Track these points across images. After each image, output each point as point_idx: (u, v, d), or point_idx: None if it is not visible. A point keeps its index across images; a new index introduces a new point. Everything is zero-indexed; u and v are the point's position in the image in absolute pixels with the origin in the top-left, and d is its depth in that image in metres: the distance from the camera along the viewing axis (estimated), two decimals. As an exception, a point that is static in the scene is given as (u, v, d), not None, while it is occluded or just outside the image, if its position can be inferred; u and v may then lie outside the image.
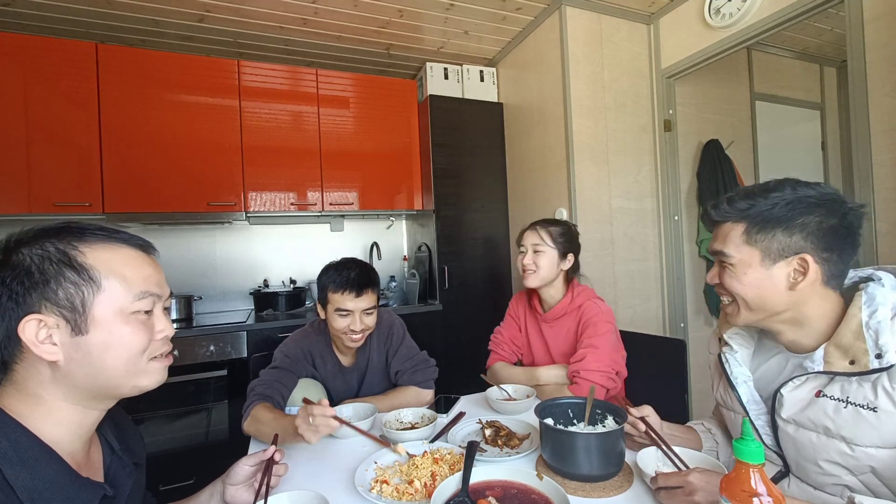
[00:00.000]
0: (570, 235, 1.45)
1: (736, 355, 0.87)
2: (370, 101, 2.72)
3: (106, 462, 0.67)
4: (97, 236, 0.61)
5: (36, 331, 0.55)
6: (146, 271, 0.64)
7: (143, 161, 2.25)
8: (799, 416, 0.76)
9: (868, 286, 0.73)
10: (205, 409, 2.11)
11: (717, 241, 0.80)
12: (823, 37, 2.82)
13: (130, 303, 0.60)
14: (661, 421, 0.95)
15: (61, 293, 0.56)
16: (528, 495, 0.73)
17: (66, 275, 0.57)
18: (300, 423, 0.96)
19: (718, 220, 0.80)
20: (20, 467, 0.53)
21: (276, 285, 2.77)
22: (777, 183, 0.76)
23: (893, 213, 1.49)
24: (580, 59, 2.26)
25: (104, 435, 0.69)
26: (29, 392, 0.58)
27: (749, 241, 0.75)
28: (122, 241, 0.63)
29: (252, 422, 1.14)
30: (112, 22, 2.25)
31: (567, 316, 1.42)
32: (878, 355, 0.67)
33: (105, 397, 0.62)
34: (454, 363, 2.50)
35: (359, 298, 1.26)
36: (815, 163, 3.16)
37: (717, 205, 0.81)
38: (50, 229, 0.60)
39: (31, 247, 0.57)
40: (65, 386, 0.58)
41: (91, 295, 0.58)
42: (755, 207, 0.75)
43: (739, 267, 0.77)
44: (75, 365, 0.57)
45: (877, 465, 0.68)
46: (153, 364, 0.64)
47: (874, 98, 1.53)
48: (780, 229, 0.73)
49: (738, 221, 0.77)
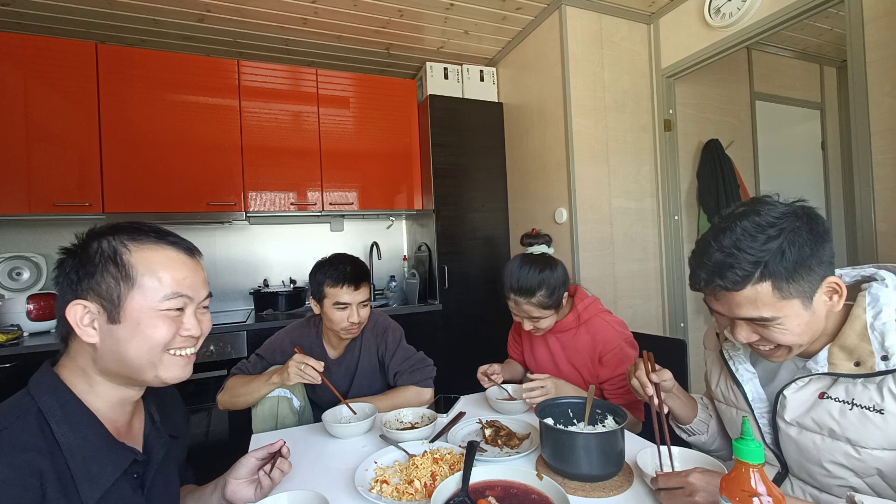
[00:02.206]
0: (553, 286, 1.26)
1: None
2: (370, 101, 2.72)
3: (146, 431, 0.73)
4: (149, 237, 0.67)
5: (81, 315, 0.62)
6: (182, 273, 0.68)
7: (143, 161, 2.25)
8: (802, 418, 0.75)
9: (871, 286, 0.72)
10: (205, 409, 2.11)
11: (745, 309, 0.72)
12: (823, 37, 2.82)
13: (159, 301, 0.65)
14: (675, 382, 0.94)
15: (104, 285, 0.63)
16: (528, 495, 0.73)
17: (110, 269, 0.63)
18: (292, 364, 1.18)
19: (735, 290, 0.72)
20: (66, 426, 0.60)
21: (276, 285, 2.77)
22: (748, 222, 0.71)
23: (893, 213, 1.49)
24: (580, 58, 2.26)
25: (149, 408, 0.76)
26: (78, 366, 0.65)
27: (785, 297, 0.70)
28: (169, 243, 0.69)
29: (225, 392, 1.29)
30: (112, 22, 2.25)
31: (578, 330, 1.34)
32: (885, 357, 0.66)
33: (133, 381, 0.68)
34: (454, 363, 2.50)
35: (357, 291, 1.32)
36: (815, 163, 3.16)
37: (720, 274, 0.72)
38: (117, 226, 0.67)
39: (98, 241, 0.65)
40: (101, 365, 0.65)
41: (127, 290, 0.63)
42: (768, 264, 0.69)
43: (788, 321, 0.71)
44: (107, 349, 0.64)
45: (883, 466, 0.68)
46: (173, 359, 0.68)
47: (874, 98, 1.53)
48: (803, 270, 0.69)
49: (760, 282, 0.70)
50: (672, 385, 0.93)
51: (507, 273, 1.31)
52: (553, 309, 1.29)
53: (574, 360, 1.36)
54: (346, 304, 1.31)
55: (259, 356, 1.44)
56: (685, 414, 0.98)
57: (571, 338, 1.36)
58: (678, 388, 0.97)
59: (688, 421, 0.98)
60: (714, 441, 0.99)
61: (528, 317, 1.30)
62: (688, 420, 0.98)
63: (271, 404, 1.27)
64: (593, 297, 1.40)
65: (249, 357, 1.45)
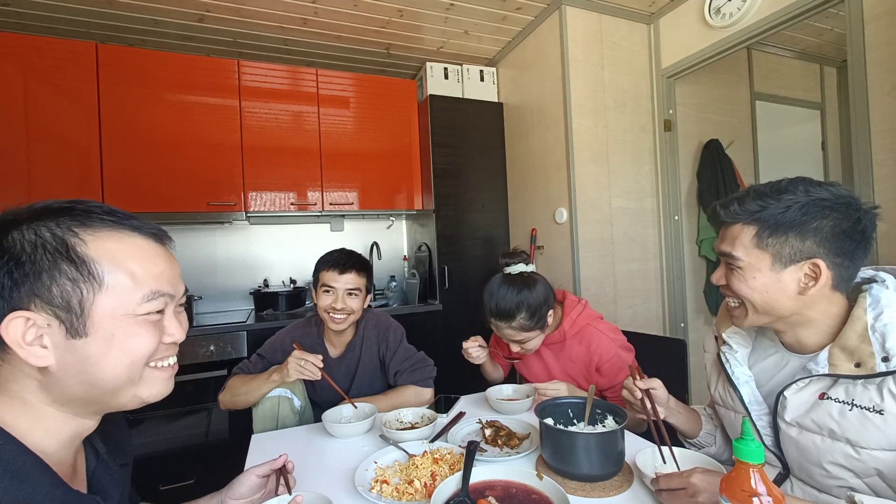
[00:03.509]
0: (534, 306, 1.22)
1: (736, 355, 0.87)
2: (370, 101, 2.72)
3: (90, 469, 0.59)
4: (104, 222, 0.52)
5: (23, 331, 0.47)
6: (159, 266, 0.55)
7: (143, 161, 2.25)
8: (803, 418, 0.75)
9: (871, 288, 0.73)
10: (205, 409, 2.11)
11: (726, 243, 0.77)
12: (823, 37, 2.82)
13: (138, 304, 0.52)
14: (668, 395, 0.94)
15: (55, 289, 0.48)
16: (528, 495, 0.73)
17: (62, 268, 0.48)
18: (292, 361, 1.20)
19: (728, 220, 0.77)
20: (9, 480, 0.45)
21: (276, 285, 2.77)
22: (790, 183, 0.73)
23: (893, 213, 1.49)
24: (580, 58, 2.26)
25: (89, 439, 0.60)
26: (13, 396, 0.50)
27: (760, 245, 0.73)
28: (132, 228, 0.55)
29: (227, 392, 1.32)
30: (112, 22, 2.25)
31: (570, 342, 1.32)
32: (885, 358, 0.66)
33: (102, 407, 0.55)
34: (454, 363, 2.49)
35: (342, 276, 1.35)
36: (815, 163, 3.15)
37: (726, 204, 0.77)
38: (51, 209, 0.51)
39: (25, 229, 0.48)
40: (56, 392, 0.50)
41: (91, 293, 0.49)
42: (767, 210, 0.72)
43: (748, 270, 0.74)
44: (69, 371, 0.49)
45: (883, 467, 0.68)
46: (155, 373, 0.56)
47: (874, 98, 1.53)
48: (793, 233, 0.70)
49: (749, 223, 0.74)
50: (665, 396, 0.93)
51: (486, 294, 1.28)
52: (538, 330, 1.26)
53: (570, 371, 1.35)
54: (331, 288, 1.34)
55: (260, 356, 1.44)
56: (690, 428, 0.98)
57: (564, 349, 1.34)
58: (677, 402, 0.98)
59: (694, 435, 0.98)
60: (724, 451, 0.99)
61: (512, 340, 1.27)
62: (694, 434, 0.98)
63: (272, 404, 1.27)
64: (583, 303, 1.36)
65: (251, 357, 1.46)
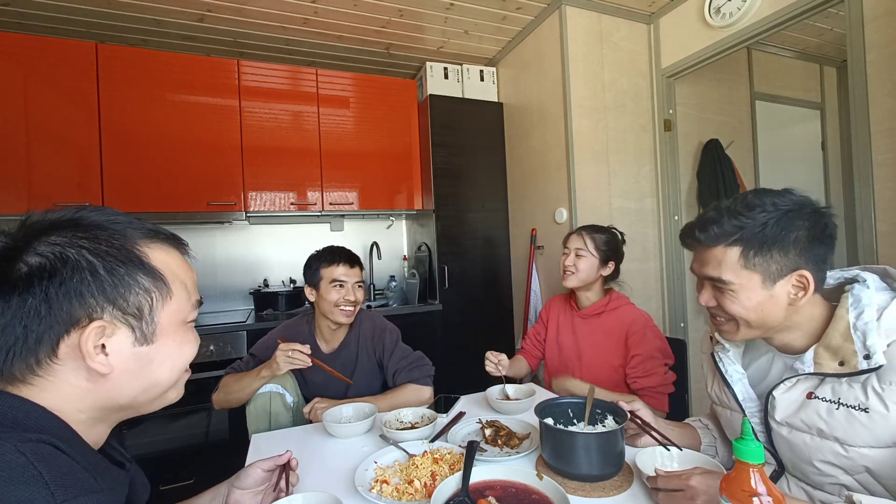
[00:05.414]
0: (614, 244, 1.49)
1: (728, 354, 0.88)
2: (370, 101, 2.72)
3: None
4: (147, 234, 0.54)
5: (95, 339, 0.48)
6: (192, 276, 0.58)
7: (143, 161, 2.25)
8: (792, 418, 0.76)
9: (853, 287, 0.74)
10: (205, 409, 2.11)
11: (710, 267, 0.77)
12: (823, 37, 2.82)
13: (189, 311, 0.56)
14: (654, 416, 0.95)
15: (132, 298, 0.50)
16: (528, 495, 0.73)
17: (137, 277, 0.50)
18: (279, 353, 1.20)
19: (709, 244, 0.76)
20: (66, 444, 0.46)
21: (276, 285, 2.77)
22: (755, 196, 0.75)
23: (893, 213, 1.49)
24: (580, 58, 2.26)
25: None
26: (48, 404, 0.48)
27: (748, 266, 0.73)
28: (175, 242, 0.57)
29: (220, 391, 1.33)
30: (113, 21, 2.25)
31: (604, 315, 1.46)
32: (867, 356, 0.68)
33: (136, 412, 0.56)
34: (454, 363, 2.50)
35: (352, 270, 1.41)
36: (815, 163, 3.15)
37: (704, 227, 0.76)
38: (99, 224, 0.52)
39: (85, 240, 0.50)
40: (95, 398, 0.50)
41: (160, 302, 0.52)
42: (745, 229, 0.72)
43: (742, 292, 0.74)
44: (126, 376, 0.50)
45: (871, 464, 0.68)
46: (185, 375, 0.59)
47: (874, 98, 1.53)
48: (776, 249, 0.72)
49: (731, 245, 0.74)
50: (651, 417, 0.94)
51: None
52: (598, 258, 1.44)
53: (599, 346, 1.43)
54: (342, 282, 1.38)
55: (252, 355, 1.45)
56: (688, 444, 0.97)
57: (599, 322, 1.46)
58: (666, 422, 0.99)
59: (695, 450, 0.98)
60: (728, 460, 0.99)
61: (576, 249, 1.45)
62: (694, 449, 0.98)
63: (263, 401, 1.28)
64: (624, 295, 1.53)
65: (243, 357, 1.47)
